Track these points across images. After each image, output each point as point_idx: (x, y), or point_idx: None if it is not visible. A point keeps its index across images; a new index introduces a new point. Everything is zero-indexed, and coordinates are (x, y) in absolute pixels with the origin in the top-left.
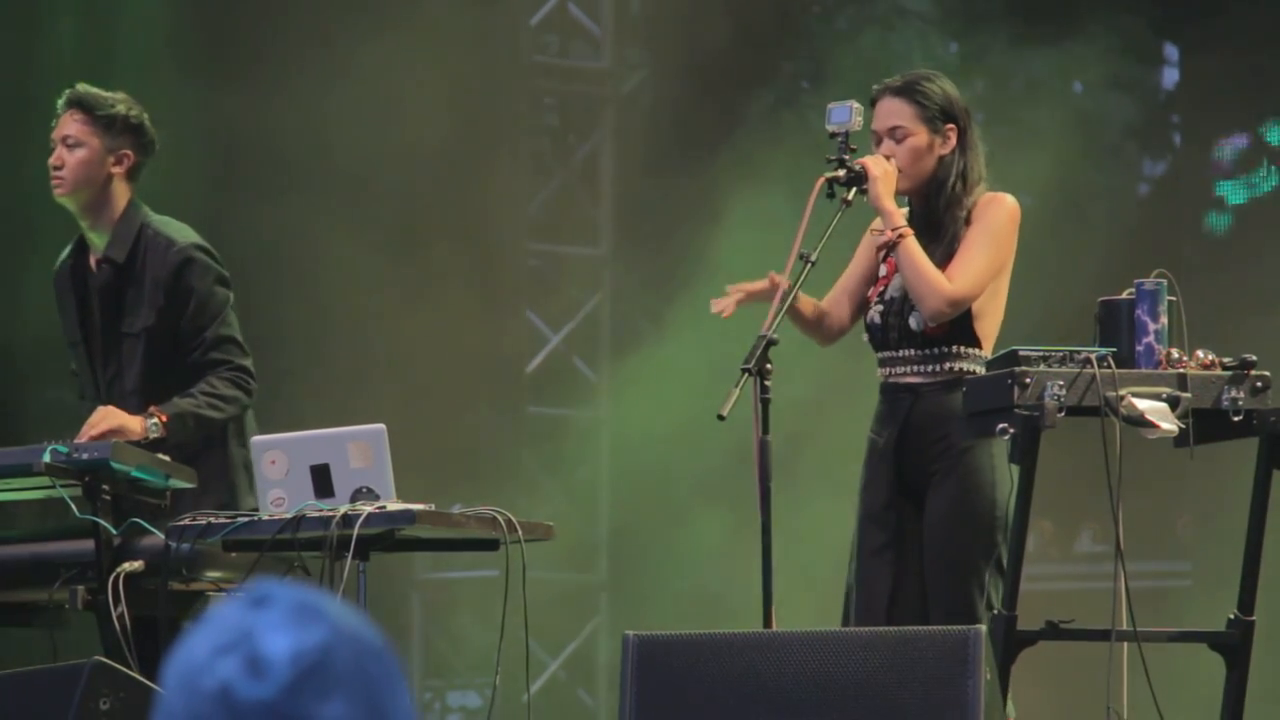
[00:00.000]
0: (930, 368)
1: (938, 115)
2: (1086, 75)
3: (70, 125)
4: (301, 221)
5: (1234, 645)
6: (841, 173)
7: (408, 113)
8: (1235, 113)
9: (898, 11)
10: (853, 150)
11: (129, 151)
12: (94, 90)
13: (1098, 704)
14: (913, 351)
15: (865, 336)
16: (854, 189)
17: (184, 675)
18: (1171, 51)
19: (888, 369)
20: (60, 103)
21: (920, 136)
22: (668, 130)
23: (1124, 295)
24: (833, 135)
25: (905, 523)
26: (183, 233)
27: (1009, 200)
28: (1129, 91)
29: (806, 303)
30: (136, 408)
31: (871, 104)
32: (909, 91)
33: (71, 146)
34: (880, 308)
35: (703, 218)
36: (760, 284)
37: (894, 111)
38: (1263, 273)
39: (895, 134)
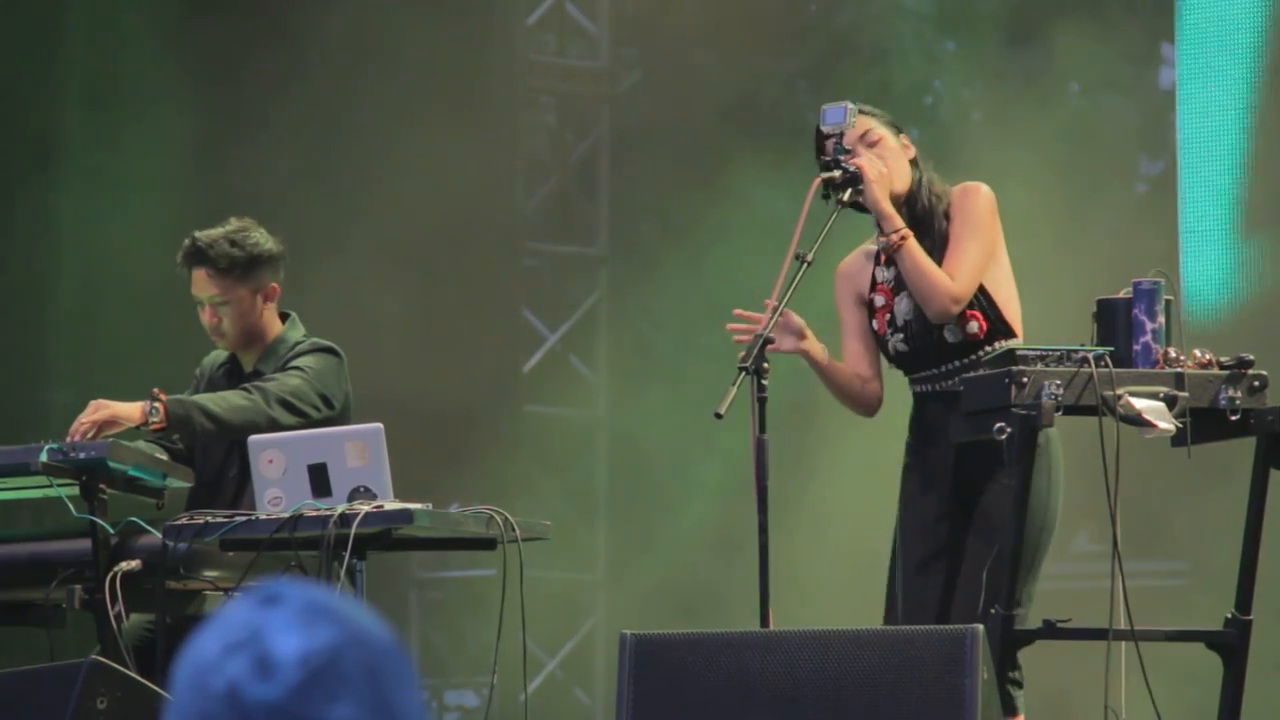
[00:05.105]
0: (979, 372)
1: (892, 124)
2: (1083, 75)
3: (205, 286)
4: (298, 222)
5: (1231, 644)
6: (837, 174)
7: (404, 112)
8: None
9: (896, 11)
10: (847, 151)
11: (272, 283)
12: (210, 237)
13: (1095, 703)
14: (956, 363)
15: (889, 365)
16: (849, 190)
17: (194, 674)
18: (1168, 50)
19: (929, 385)
20: (180, 258)
21: (890, 139)
22: (665, 129)
23: (1121, 294)
24: (827, 136)
25: (957, 532)
26: (323, 339)
27: (983, 188)
28: (1126, 91)
29: (822, 352)
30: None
31: (821, 138)
32: (861, 109)
33: (218, 305)
34: (901, 335)
35: (700, 217)
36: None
37: (858, 123)
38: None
39: (867, 138)
